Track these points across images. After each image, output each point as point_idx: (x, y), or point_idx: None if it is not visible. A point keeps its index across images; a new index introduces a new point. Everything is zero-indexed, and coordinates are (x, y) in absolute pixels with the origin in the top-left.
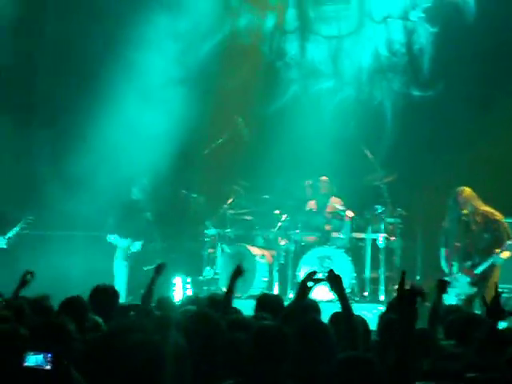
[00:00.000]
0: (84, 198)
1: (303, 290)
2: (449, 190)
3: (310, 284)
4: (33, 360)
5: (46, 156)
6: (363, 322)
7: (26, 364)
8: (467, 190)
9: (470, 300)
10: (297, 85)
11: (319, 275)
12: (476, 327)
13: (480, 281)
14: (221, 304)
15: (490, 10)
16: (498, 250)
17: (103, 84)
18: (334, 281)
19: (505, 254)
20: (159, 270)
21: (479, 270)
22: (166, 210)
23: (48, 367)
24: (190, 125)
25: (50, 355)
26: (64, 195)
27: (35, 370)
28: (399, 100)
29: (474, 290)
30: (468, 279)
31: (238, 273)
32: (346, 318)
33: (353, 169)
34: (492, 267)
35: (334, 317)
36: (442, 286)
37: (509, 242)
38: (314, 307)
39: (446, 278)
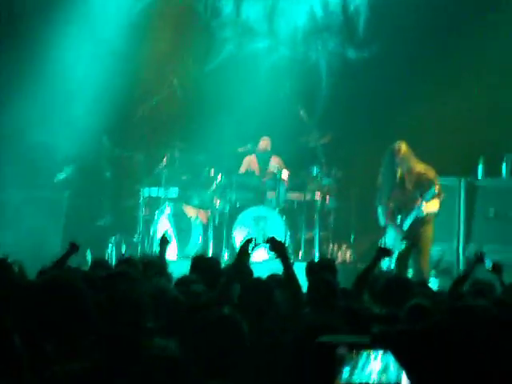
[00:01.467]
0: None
1: (241, 255)
2: (383, 150)
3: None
4: None
5: None
6: None
7: None
8: (403, 148)
9: (400, 257)
10: (232, 44)
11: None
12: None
13: (409, 238)
14: (155, 267)
15: None
16: (419, 202)
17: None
18: (276, 244)
19: (427, 207)
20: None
21: (405, 225)
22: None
23: None
24: (124, 85)
25: None
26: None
27: None
28: (334, 60)
29: (404, 246)
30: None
31: (164, 242)
32: (287, 279)
33: (288, 129)
34: (421, 224)
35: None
36: (381, 254)
37: (430, 192)
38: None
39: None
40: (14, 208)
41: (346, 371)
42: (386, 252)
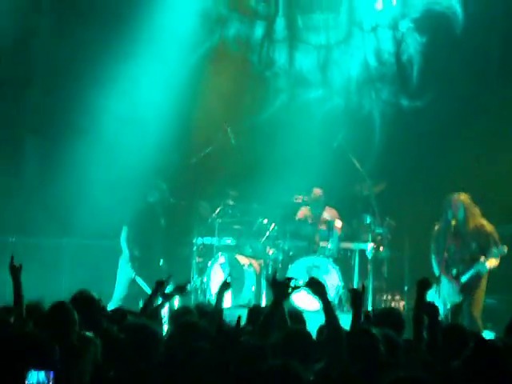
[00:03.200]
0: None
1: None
2: (437, 199)
3: (289, 291)
4: (34, 377)
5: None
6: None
7: (27, 381)
8: (463, 196)
9: (455, 309)
10: (285, 94)
11: (300, 282)
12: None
13: (465, 290)
14: (209, 314)
15: (477, 21)
16: (483, 258)
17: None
18: (315, 287)
19: (490, 263)
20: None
21: (464, 278)
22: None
23: None
24: (178, 133)
25: (51, 373)
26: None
27: None
28: (388, 109)
29: (460, 298)
30: (455, 287)
31: (225, 286)
32: (328, 324)
33: (341, 178)
34: (478, 277)
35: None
36: (423, 286)
37: (494, 250)
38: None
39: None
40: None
41: None
42: (427, 284)
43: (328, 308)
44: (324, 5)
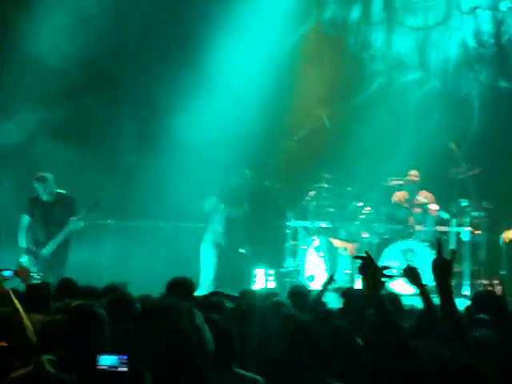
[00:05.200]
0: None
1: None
2: None
3: (384, 279)
4: (107, 361)
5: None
6: None
7: (99, 365)
8: None
9: None
10: (382, 77)
11: (393, 271)
12: None
13: None
14: (303, 296)
15: None
16: None
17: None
18: (412, 275)
19: None
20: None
21: None
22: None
23: (123, 369)
24: (273, 116)
25: (125, 357)
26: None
27: (110, 373)
28: (486, 92)
29: None
30: None
31: (330, 282)
32: (428, 311)
33: (437, 161)
34: None
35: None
36: None
37: None
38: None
39: None
40: (165, 239)
41: None
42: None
43: (425, 296)
44: None
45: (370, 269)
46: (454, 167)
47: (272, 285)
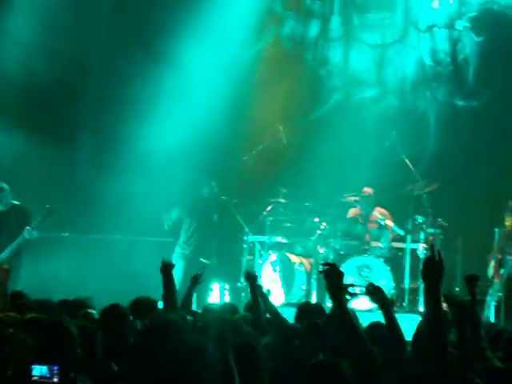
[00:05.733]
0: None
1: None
2: (491, 201)
3: (347, 297)
4: (38, 371)
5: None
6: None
7: (32, 375)
8: None
9: None
10: (339, 93)
11: (356, 289)
12: None
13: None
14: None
15: None
16: None
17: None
18: (375, 293)
19: None
20: (196, 279)
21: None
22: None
23: (55, 380)
24: (230, 131)
25: (56, 367)
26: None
27: (42, 383)
28: (443, 110)
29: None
30: None
31: (249, 277)
32: (390, 330)
33: (394, 178)
34: None
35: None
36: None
37: None
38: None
39: None
40: (121, 253)
41: None
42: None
43: (389, 314)
44: (380, 4)
45: (335, 276)
46: (410, 184)
47: (227, 299)
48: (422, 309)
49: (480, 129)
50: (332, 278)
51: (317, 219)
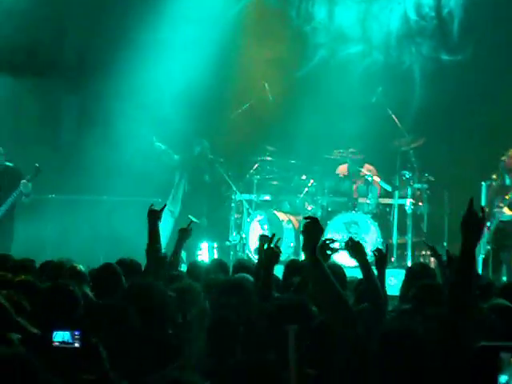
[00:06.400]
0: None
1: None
2: (477, 155)
3: (328, 252)
4: (60, 337)
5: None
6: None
7: (54, 341)
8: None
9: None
10: (324, 49)
11: (336, 244)
12: None
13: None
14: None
15: None
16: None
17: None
18: (354, 248)
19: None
20: (183, 233)
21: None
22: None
23: (76, 345)
24: (216, 89)
25: (77, 332)
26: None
27: (63, 349)
28: (428, 64)
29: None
30: None
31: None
32: (368, 285)
33: (380, 134)
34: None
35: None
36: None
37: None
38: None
39: None
40: (108, 214)
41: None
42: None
43: (366, 270)
44: None
45: (313, 230)
46: (397, 139)
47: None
48: (409, 263)
49: (465, 83)
50: (310, 232)
51: (304, 176)
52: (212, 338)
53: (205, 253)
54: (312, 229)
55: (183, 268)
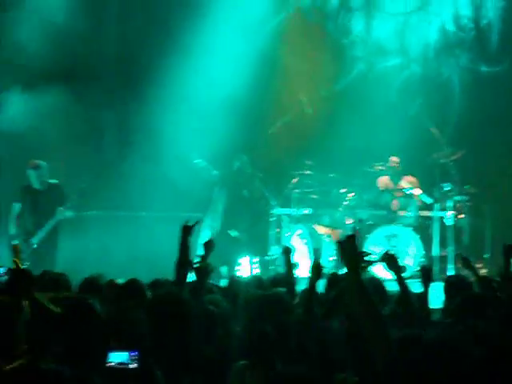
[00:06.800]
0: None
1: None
2: None
3: (364, 264)
4: (116, 358)
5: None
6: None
7: (109, 362)
8: None
9: None
10: (362, 63)
11: (373, 257)
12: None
13: None
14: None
15: None
16: None
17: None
18: (390, 261)
19: None
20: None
21: None
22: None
23: (133, 366)
24: (255, 102)
25: (134, 353)
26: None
27: (120, 370)
28: (466, 76)
29: None
30: None
31: (287, 252)
32: (403, 297)
33: (419, 146)
34: None
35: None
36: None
37: None
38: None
39: None
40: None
41: None
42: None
43: (402, 282)
44: None
45: (348, 249)
46: (436, 152)
47: (256, 272)
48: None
49: (504, 94)
50: (347, 247)
51: (343, 190)
52: (251, 351)
53: (245, 267)
54: (347, 244)
55: (223, 283)
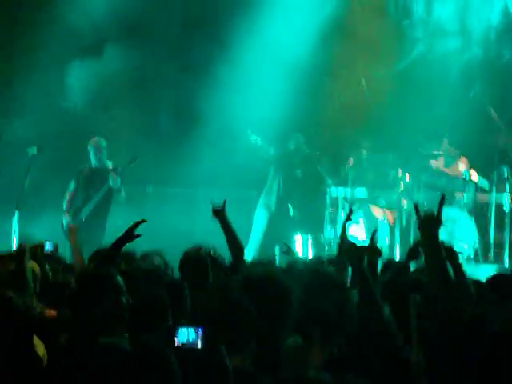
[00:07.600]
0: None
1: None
2: None
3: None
4: (184, 335)
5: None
6: None
7: (177, 340)
8: None
9: None
10: (422, 44)
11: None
12: None
13: None
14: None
15: None
16: None
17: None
18: (447, 253)
19: None
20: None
21: None
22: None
23: (199, 346)
24: (313, 84)
25: (200, 329)
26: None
27: (188, 351)
28: None
29: None
30: None
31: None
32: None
33: (478, 129)
34: None
35: None
36: None
37: None
38: None
39: None
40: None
41: None
42: None
43: (459, 271)
44: None
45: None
46: (495, 135)
47: (310, 252)
48: (507, 262)
49: None
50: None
51: (400, 171)
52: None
53: (299, 246)
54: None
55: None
